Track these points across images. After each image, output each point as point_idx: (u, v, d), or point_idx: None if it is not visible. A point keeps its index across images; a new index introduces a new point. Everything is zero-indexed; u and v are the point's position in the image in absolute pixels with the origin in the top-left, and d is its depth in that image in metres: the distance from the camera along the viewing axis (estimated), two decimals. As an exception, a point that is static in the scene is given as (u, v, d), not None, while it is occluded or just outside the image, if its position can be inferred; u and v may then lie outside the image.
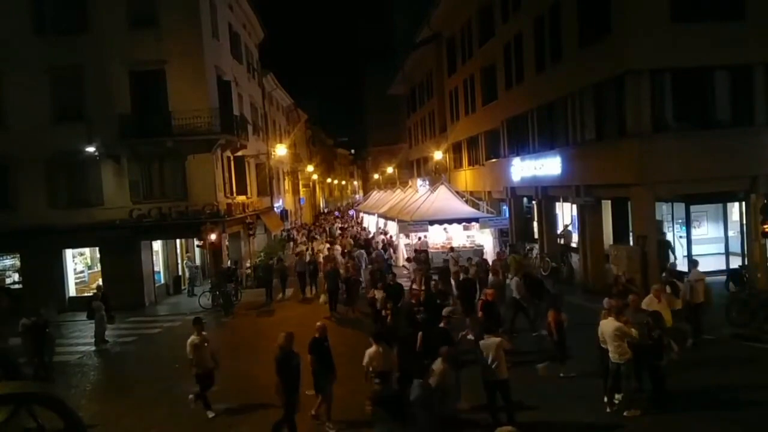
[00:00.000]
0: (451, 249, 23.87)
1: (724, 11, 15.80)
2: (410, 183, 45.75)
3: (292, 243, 31.37)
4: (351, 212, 62.72)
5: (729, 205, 18.00)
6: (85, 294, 22.45)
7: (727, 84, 16.18)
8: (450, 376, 8.45)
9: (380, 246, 26.69)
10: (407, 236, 26.06)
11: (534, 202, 24.54)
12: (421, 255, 22.72)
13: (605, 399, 9.55)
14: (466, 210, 26.70)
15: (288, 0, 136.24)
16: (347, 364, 10.55)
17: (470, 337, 12.79)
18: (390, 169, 65.87)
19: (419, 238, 25.55)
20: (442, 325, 10.44)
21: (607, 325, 9.45)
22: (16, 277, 22.77)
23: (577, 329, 11.63)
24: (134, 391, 12.44)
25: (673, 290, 12.38)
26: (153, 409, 11.27)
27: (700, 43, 15.64)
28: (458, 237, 26.67)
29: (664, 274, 13.96)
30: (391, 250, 25.21)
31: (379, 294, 14.49)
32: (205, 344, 10.53)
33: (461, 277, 16.41)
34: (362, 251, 25.40)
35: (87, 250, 23.46)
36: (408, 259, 22.96)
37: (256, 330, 17.66)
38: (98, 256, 22.87)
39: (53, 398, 7.55)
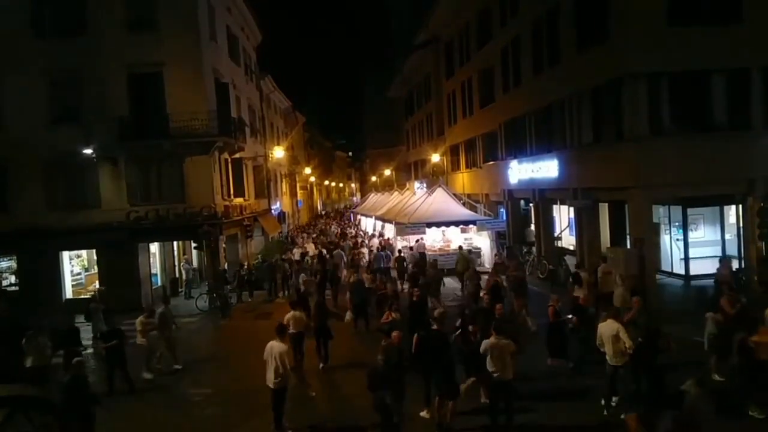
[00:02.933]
0: (410, 249, 23.97)
1: (721, 15, 15.86)
2: (408, 185, 45.83)
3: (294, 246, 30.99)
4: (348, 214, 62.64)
5: (726, 208, 18.04)
6: (82, 296, 22.39)
7: (724, 87, 16.22)
8: (705, 403, 7.03)
9: (377, 248, 26.67)
10: (404, 238, 26.05)
11: (531, 204, 24.59)
12: (418, 259, 22.69)
13: (602, 401, 9.56)
14: (464, 212, 26.72)
15: (286, 2, 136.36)
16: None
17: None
18: (388, 172, 65.92)
19: (417, 240, 25.58)
20: (435, 327, 10.40)
21: (606, 328, 9.48)
22: (12, 279, 22.68)
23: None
24: (131, 393, 12.39)
25: (575, 281, 15.52)
26: (150, 411, 11.24)
27: (697, 46, 15.71)
28: (456, 239, 26.67)
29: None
30: (388, 252, 25.14)
31: (398, 316, 12.28)
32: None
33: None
34: (339, 251, 25.60)
35: (84, 252, 23.35)
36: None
37: (254, 332, 17.59)
38: (95, 258, 22.80)
39: (49, 402, 7.53)
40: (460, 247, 23.52)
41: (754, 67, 16.02)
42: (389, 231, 29.49)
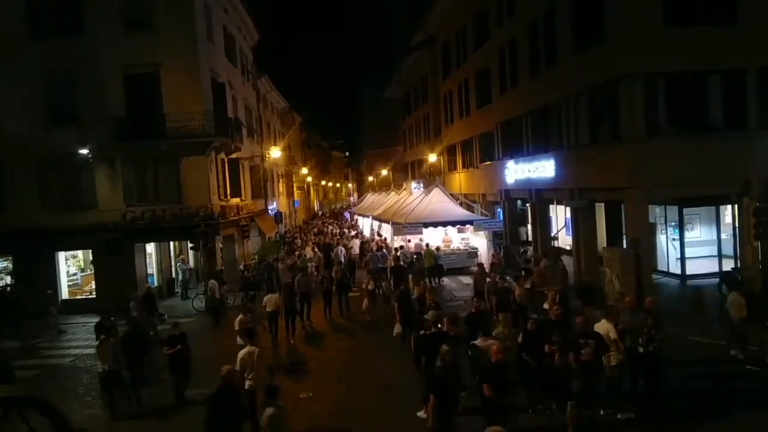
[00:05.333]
0: (401, 247, 24.04)
1: (717, 16, 15.90)
2: (405, 185, 45.82)
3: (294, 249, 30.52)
4: (346, 214, 62.68)
5: (722, 208, 18.12)
6: (78, 297, 22.35)
7: (720, 88, 16.25)
8: None
9: (367, 248, 26.67)
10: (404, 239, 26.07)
11: (528, 204, 24.62)
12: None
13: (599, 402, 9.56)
14: (461, 212, 26.74)
15: (283, 3, 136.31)
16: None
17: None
18: (385, 172, 65.95)
19: (408, 240, 25.53)
20: (432, 329, 10.38)
21: (600, 328, 9.49)
22: (8, 279, 22.61)
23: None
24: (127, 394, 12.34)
25: (527, 274, 16.19)
26: (146, 412, 11.21)
27: (694, 47, 15.73)
28: (454, 239, 26.70)
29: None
30: (385, 252, 25.16)
31: (457, 330, 10.69)
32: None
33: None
34: (341, 248, 25.49)
35: (80, 253, 23.33)
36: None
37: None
38: (91, 258, 22.74)
39: (43, 402, 7.48)
40: (428, 245, 23.84)
41: (749, 68, 16.05)
42: (386, 231, 29.50)
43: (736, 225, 17.32)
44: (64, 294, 22.62)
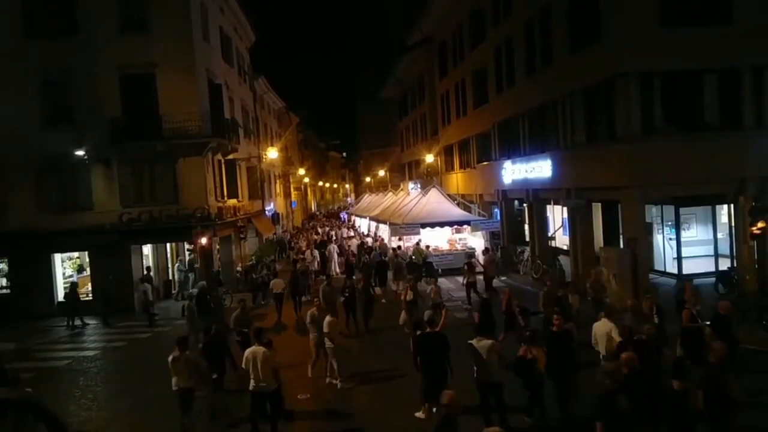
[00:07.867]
0: (398, 248, 24.08)
1: (712, 16, 15.97)
2: (402, 186, 45.82)
3: (292, 251, 30.09)
4: (342, 215, 62.63)
5: (718, 207, 18.17)
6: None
7: (715, 87, 16.33)
8: None
9: (366, 248, 26.62)
10: (400, 239, 26.07)
11: (525, 204, 24.64)
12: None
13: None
14: (458, 213, 26.77)
15: (280, 3, 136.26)
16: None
17: None
18: (382, 172, 65.92)
19: (400, 239, 25.52)
20: (429, 329, 10.34)
21: (600, 327, 9.51)
22: (3, 282, 22.51)
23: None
24: (124, 396, 12.33)
25: (470, 268, 18.45)
26: (144, 414, 11.18)
27: (689, 47, 15.79)
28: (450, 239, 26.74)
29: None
30: (384, 252, 25.17)
31: (540, 354, 9.31)
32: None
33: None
34: (333, 245, 25.47)
35: (76, 255, 23.24)
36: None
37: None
38: (88, 260, 22.66)
39: (37, 404, 7.47)
40: (417, 243, 24.16)
41: (744, 67, 16.12)
42: (383, 231, 29.50)
43: (732, 224, 17.37)
44: (61, 296, 22.48)
